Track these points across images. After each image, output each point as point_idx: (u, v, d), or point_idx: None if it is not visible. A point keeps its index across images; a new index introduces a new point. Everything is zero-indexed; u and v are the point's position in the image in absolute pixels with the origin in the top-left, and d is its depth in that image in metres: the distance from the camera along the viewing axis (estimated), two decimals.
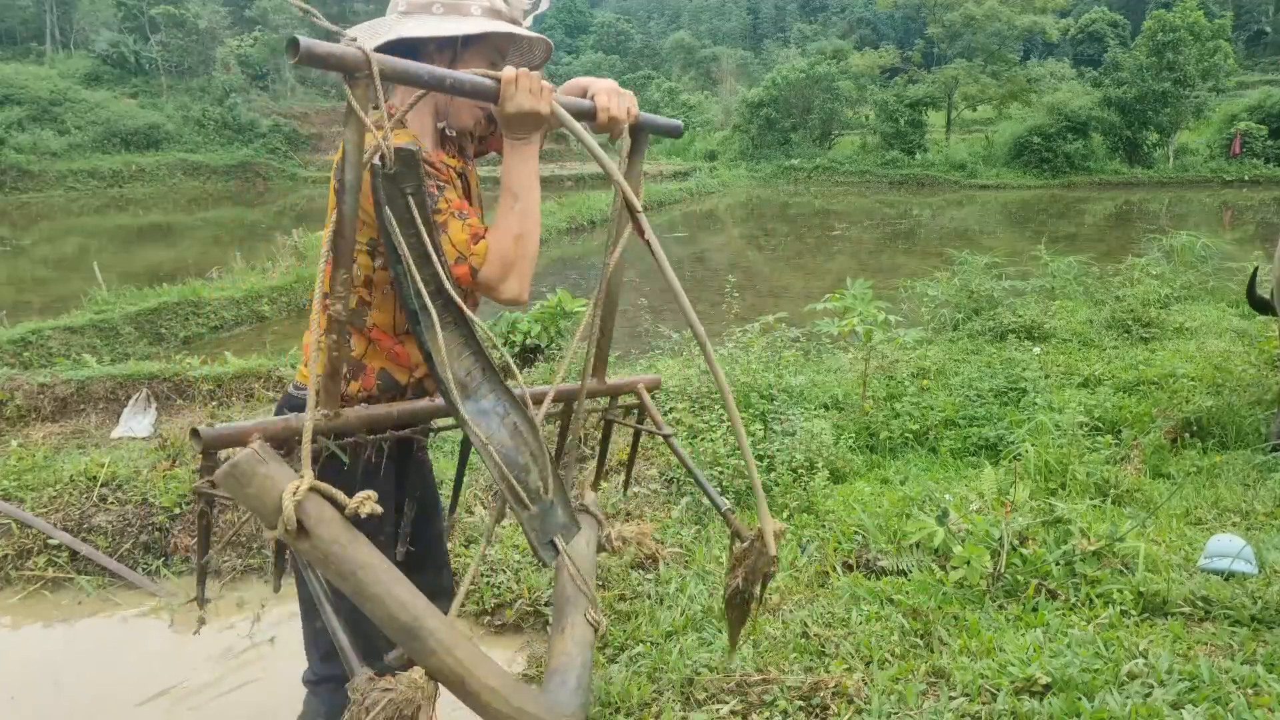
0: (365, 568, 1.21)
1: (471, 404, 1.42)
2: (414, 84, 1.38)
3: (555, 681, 1.39)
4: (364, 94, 1.25)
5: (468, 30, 1.59)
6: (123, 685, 2.73)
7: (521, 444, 1.44)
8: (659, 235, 5.60)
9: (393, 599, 1.20)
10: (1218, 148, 31.20)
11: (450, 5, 1.61)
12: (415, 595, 1.23)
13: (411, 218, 1.34)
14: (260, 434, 1.32)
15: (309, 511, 1.19)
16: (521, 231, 1.59)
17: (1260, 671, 1.97)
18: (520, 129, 1.55)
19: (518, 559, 3.13)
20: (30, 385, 5.67)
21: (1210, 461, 4.07)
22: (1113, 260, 10.38)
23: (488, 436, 1.39)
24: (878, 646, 2.24)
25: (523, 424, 1.45)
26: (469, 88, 1.44)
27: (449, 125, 1.77)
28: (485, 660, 1.24)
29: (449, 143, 1.79)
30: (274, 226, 19.81)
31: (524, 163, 1.59)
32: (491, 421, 1.43)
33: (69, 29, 47.56)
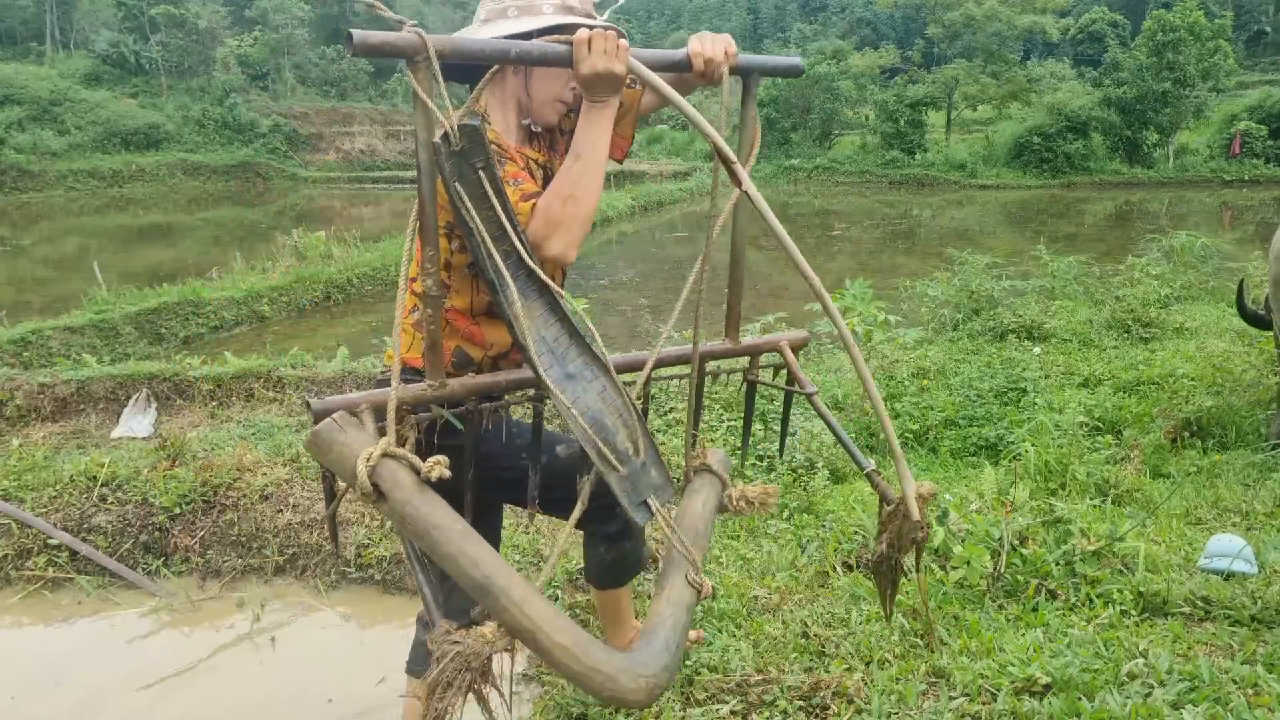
0: (438, 528, 1.26)
1: (559, 369, 1.44)
2: (477, 59, 1.39)
3: (643, 641, 1.39)
4: (425, 77, 1.27)
5: (540, 25, 1.59)
6: (122, 685, 2.74)
7: (609, 407, 1.46)
8: (658, 235, 5.66)
9: (465, 557, 1.25)
10: (1218, 148, 31.20)
11: (523, 7, 1.63)
12: (488, 554, 1.26)
13: (485, 192, 1.37)
14: (369, 404, 1.41)
15: (384, 476, 1.26)
16: (574, 193, 1.56)
17: (1260, 671, 1.97)
18: (598, 91, 1.52)
19: (517, 559, 3.13)
20: (30, 385, 5.67)
21: (1210, 461, 4.07)
22: (1113, 260, 10.38)
23: (573, 401, 1.42)
24: (878, 646, 2.24)
25: (610, 388, 1.47)
26: (537, 55, 1.42)
27: (534, 123, 1.77)
28: (558, 617, 1.26)
29: (537, 139, 1.79)
30: (274, 226, 19.83)
31: (594, 125, 1.56)
32: (579, 386, 1.45)
33: (69, 29, 47.56)
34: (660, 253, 17.46)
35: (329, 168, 39.35)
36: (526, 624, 1.23)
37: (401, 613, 3.13)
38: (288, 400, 5.87)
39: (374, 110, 45.58)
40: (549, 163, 1.80)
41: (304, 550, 3.40)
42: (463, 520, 1.30)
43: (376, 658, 2.85)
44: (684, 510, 1.61)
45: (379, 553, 3.29)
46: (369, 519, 3.48)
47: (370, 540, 3.35)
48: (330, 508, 1.56)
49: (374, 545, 3.33)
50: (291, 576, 3.37)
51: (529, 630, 1.23)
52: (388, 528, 3.41)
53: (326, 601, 3.22)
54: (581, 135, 1.57)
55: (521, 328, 1.39)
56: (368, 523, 3.46)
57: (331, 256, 12.56)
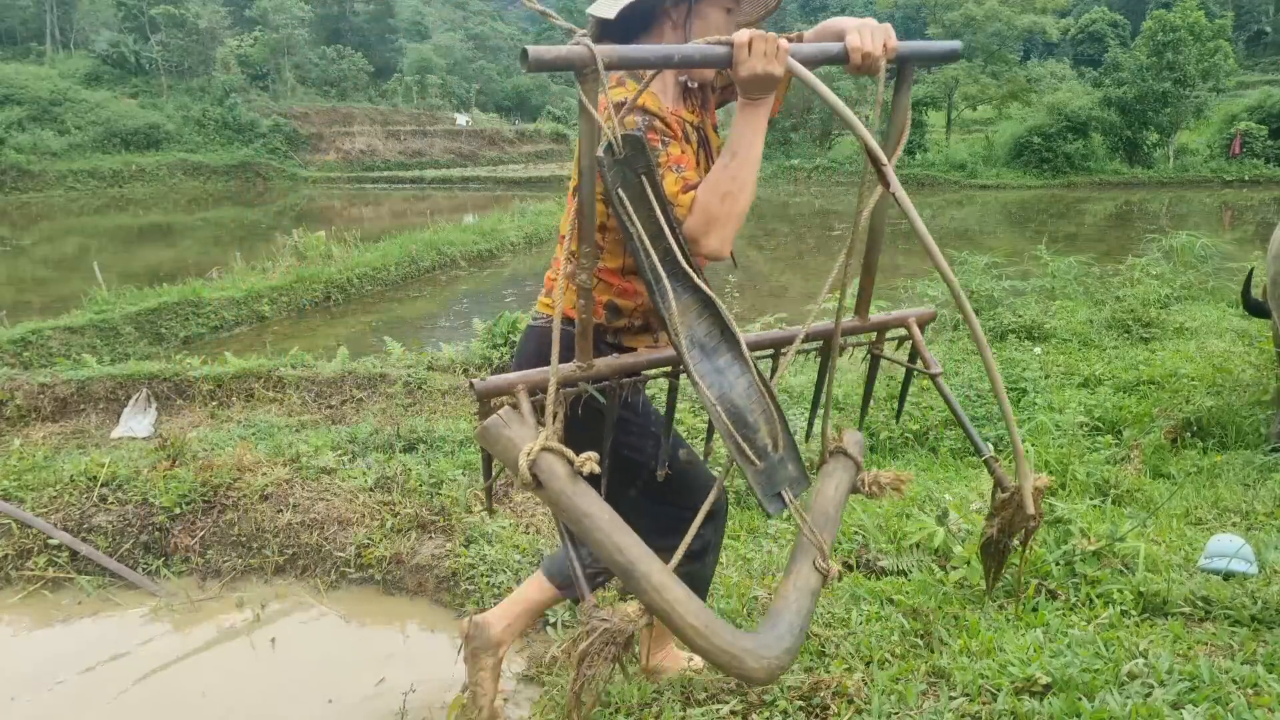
0: (589, 516, 1.39)
1: (708, 363, 1.53)
2: (642, 67, 1.45)
3: (767, 624, 1.50)
4: (592, 88, 1.32)
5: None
6: (122, 685, 2.74)
7: (753, 403, 1.53)
8: None
9: (612, 544, 1.38)
10: (1218, 148, 31.19)
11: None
12: (633, 541, 1.38)
13: (646, 196, 1.44)
14: (524, 384, 1.54)
15: (542, 467, 1.39)
16: (730, 190, 1.59)
17: (1260, 671, 1.97)
18: (755, 91, 1.54)
19: (518, 559, 3.13)
20: (30, 385, 5.67)
21: (1210, 461, 4.07)
22: (1113, 260, 10.38)
23: (719, 396, 1.50)
24: (878, 646, 2.24)
25: (757, 384, 1.54)
26: (699, 59, 1.46)
27: (690, 78, 1.80)
28: (691, 600, 1.39)
29: (690, 96, 1.81)
30: (274, 226, 19.83)
31: (749, 123, 1.58)
32: (726, 380, 1.53)
33: (69, 29, 47.55)
34: None
35: (329, 168, 39.34)
36: (664, 605, 1.36)
37: (401, 613, 3.13)
38: (288, 400, 5.87)
39: (374, 110, 45.57)
40: (702, 123, 1.83)
41: (304, 550, 3.40)
42: (610, 509, 1.41)
43: (376, 658, 2.85)
44: (816, 494, 1.68)
45: (379, 553, 3.29)
46: (369, 519, 3.48)
47: (370, 540, 3.35)
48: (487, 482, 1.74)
49: (374, 545, 3.33)
50: (291, 576, 3.37)
51: (665, 611, 1.37)
52: (388, 528, 3.41)
53: (326, 601, 3.22)
54: (737, 134, 1.59)
55: (675, 326, 1.47)
56: (368, 523, 3.46)
57: (331, 256, 12.56)
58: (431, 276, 13.75)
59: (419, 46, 62.50)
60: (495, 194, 29.49)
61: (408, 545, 3.33)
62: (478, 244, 15.48)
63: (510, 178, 34.63)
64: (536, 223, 18.19)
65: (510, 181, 33.66)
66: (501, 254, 15.92)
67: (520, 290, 12.62)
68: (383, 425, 5.23)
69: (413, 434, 5.00)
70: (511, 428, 1.44)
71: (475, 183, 35.01)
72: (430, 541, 3.36)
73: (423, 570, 3.24)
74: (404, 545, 3.33)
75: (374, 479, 3.75)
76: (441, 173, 37.97)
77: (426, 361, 6.28)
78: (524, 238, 17.05)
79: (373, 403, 5.80)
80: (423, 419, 5.31)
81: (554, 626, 2.76)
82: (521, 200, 21.25)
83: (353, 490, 3.65)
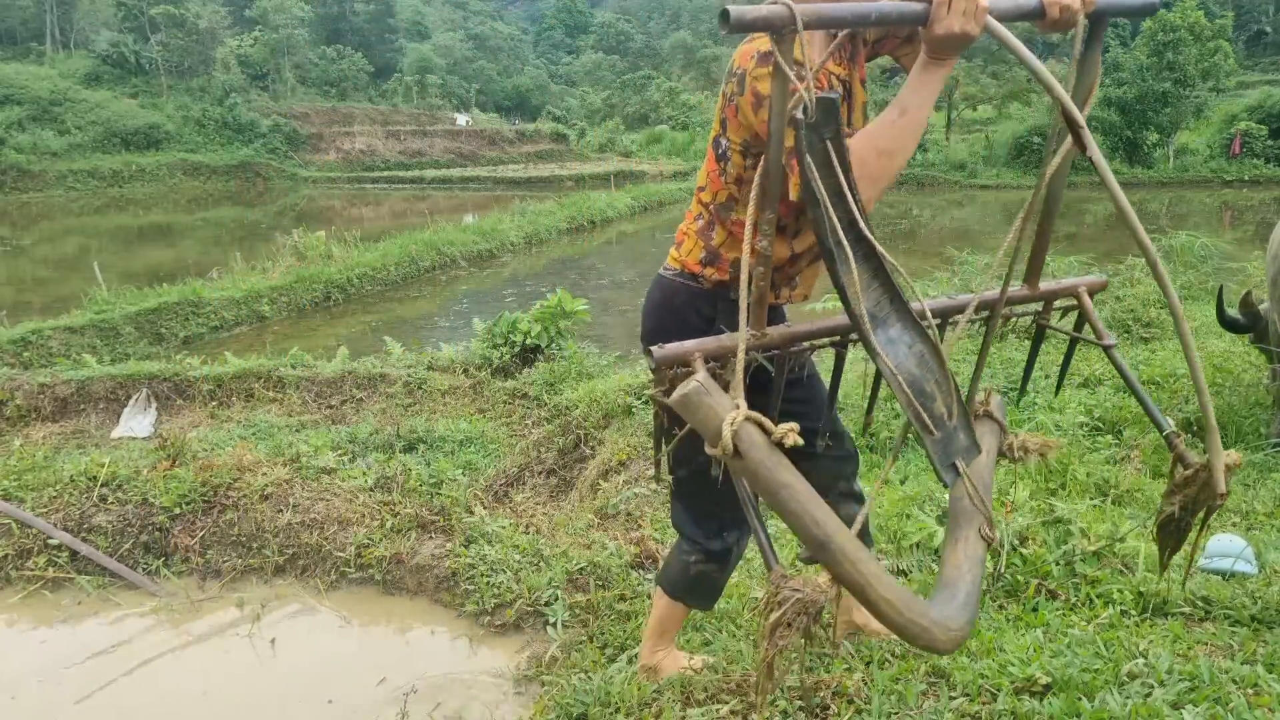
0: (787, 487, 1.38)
1: (881, 333, 1.50)
2: (838, 26, 1.42)
3: (945, 595, 1.49)
4: (789, 49, 1.30)
5: None
6: (122, 685, 2.74)
7: (927, 372, 1.51)
8: (658, 235, 5.65)
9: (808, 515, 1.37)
10: (1218, 148, 31.19)
11: None
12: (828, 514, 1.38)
13: (829, 160, 1.40)
14: (700, 353, 1.55)
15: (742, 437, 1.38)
16: (891, 148, 1.56)
17: (1260, 671, 1.97)
18: (944, 50, 1.46)
19: (518, 559, 3.13)
20: (30, 385, 5.67)
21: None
22: (1113, 260, 10.37)
23: (896, 365, 1.49)
24: (878, 646, 2.24)
25: (929, 352, 1.52)
26: (895, 17, 1.42)
27: None
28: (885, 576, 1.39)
29: (839, 49, 1.78)
30: (274, 226, 19.83)
31: (927, 84, 1.52)
32: (900, 350, 1.51)
33: (69, 29, 47.55)
34: (660, 253, 17.28)
35: (329, 168, 39.35)
36: (859, 579, 1.37)
37: (401, 613, 3.13)
38: (288, 400, 5.88)
39: (374, 110, 45.57)
40: (849, 77, 1.80)
41: (304, 550, 3.40)
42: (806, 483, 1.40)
43: (376, 658, 2.85)
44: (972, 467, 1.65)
45: (379, 553, 3.29)
46: (369, 519, 3.48)
47: (370, 540, 3.35)
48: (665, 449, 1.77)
49: (374, 545, 3.33)
50: (291, 576, 3.37)
51: (860, 585, 1.37)
52: (388, 528, 3.41)
53: (326, 601, 3.22)
54: (912, 91, 1.53)
55: (855, 294, 1.45)
56: (368, 523, 3.46)
57: (331, 256, 12.56)
58: (431, 276, 13.75)
59: (419, 46, 62.51)
60: (495, 194, 29.50)
61: (408, 545, 3.33)
62: (478, 244, 15.49)
63: (510, 178, 34.63)
64: (536, 223, 18.19)
65: (510, 181, 33.66)
66: (501, 254, 15.92)
67: (520, 290, 12.62)
68: (383, 425, 5.24)
69: (413, 434, 5.00)
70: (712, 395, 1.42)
71: (475, 183, 35.01)
72: (430, 541, 3.36)
73: (423, 570, 3.24)
74: (404, 545, 3.33)
75: (374, 479, 3.75)
76: (441, 173, 37.98)
77: (426, 361, 6.29)
78: (524, 238, 17.05)
79: (373, 403, 5.80)
80: (423, 419, 5.31)
81: (554, 626, 2.76)
82: (521, 200, 21.25)
83: (353, 490, 3.65)
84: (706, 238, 1.88)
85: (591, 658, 2.45)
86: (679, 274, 1.91)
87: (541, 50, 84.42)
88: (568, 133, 48.44)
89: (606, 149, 45.53)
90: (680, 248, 1.92)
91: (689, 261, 1.89)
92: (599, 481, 4.00)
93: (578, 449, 4.60)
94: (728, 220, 1.83)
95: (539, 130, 48.37)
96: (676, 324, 1.88)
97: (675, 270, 1.93)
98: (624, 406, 4.54)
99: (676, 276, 1.92)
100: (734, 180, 1.78)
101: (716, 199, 1.85)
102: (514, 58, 73.17)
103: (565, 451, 4.65)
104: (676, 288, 1.91)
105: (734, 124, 1.74)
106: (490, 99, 61.72)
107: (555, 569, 2.99)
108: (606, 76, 69.08)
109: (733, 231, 1.83)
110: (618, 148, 45.46)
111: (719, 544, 2.07)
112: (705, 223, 1.87)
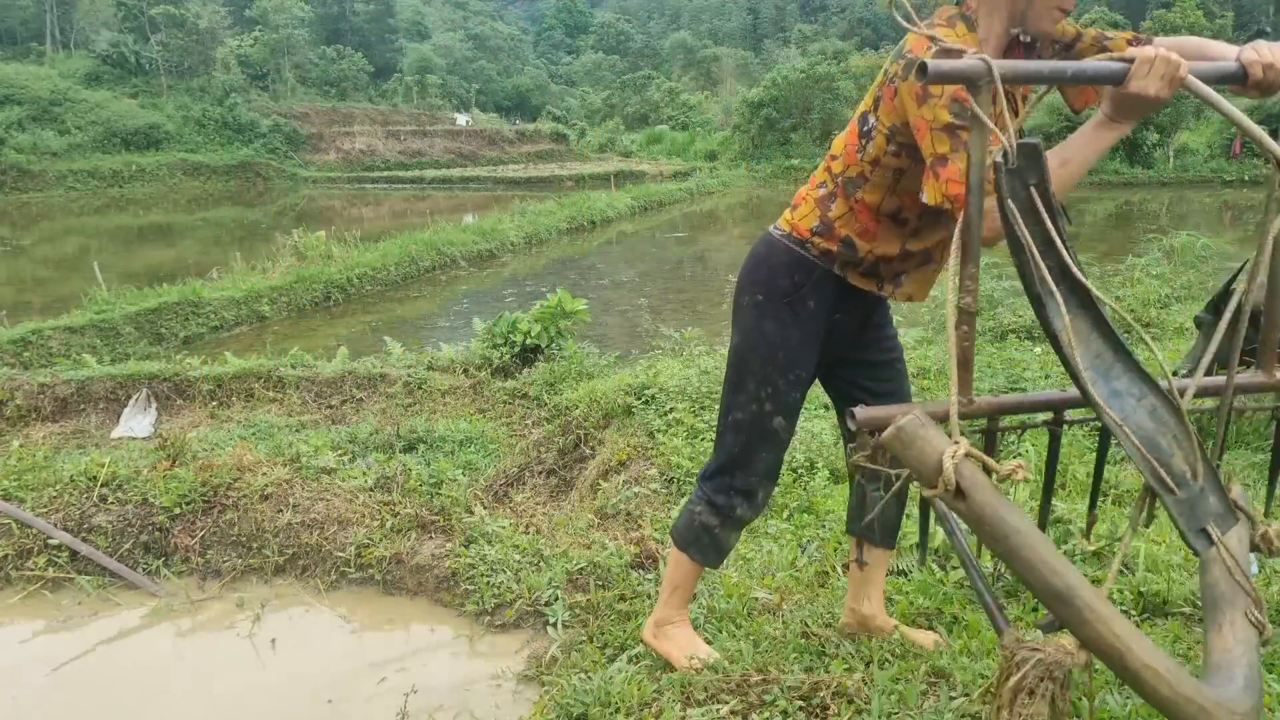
0: (1017, 532, 1.24)
1: (1104, 386, 1.42)
2: (1033, 82, 1.43)
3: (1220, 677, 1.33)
4: (986, 100, 1.30)
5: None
6: (122, 685, 2.74)
7: (1162, 426, 1.40)
8: (658, 235, 5.65)
9: (1045, 564, 1.22)
10: (1218, 148, 31.20)
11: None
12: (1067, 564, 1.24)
13: (1035, 208, 1.36)
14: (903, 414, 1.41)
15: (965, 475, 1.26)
16: None
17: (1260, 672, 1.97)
18: (1129, 112, 1.45)
19: (518, 559, 3.13)
20: (30, 385, 5.67)
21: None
22: (1113, 260, 10.38)
23: (1123, 419, 1.38)
24: (878, 646, 2.24)
25: (1162, 406, 1.41)
26: (1090, 75, 1.41)
27: (1024, 30, 1.73)
28: (1143, 638, 1.23)
29: (1015, 49, 1.76)
30: (274, 226, 19.83)
31: (1099, 141, 1.50)
32: (1127, 403, 1.41)
33: (69, 29, 47.56)
34: (660, 253, 17.45)
35: (329, 168, 39.36)
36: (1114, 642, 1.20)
37: (401, 613, 3.13)
38: (288, 400, 5.88)
39: (374, 110, 45.58)
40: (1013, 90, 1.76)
41: (304, 550, 3.40)
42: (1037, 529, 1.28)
43: (376, 658, 2.85)
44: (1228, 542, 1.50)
45: (379, 553, 3.29)
46: (369, 519, 3.48)
47: (370, 540, 3.35)
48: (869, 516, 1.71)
49: (374, 545, 3.33)
50: (291, 576, 3.37)
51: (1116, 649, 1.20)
52: (388, 528, 3.41)
53: (326, 601, 3.22)
54: (1080, 146, 1.50)
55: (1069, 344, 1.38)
56: (368, 523, 3.46)
57: (331, 256, 12.56)
58: (431, 276, 13.75)
59: (419, 46, 62.49)
60: (495, 194, 29.50)
61: (408, 545, 3.33)
62: (478, 244, 15.49)
63: (510, 178, 34.64)
64: (536, 223, 18.19)
65: (510, 181, 33.68)
66: (501, 254, 15.93)
67: (520, 290, 12.63)
68: (383, 425, 5.24)
69: (413, 434, 5.00)
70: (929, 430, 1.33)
71: (475, 183, 35.02)
72: (430, 541, 3.36)
73: (423, 570, 3.24)
74: (404, 545, 3.33)
75: (374, 479, 3.75)
76: (441, 173, 37.99)
77: (426, 361, 6.29)
78: (524, 238, 17.05)
79: (373, 403, 5.80)
80: (423, 419, 5.31)
81: (554, 626, 2.76)
82: (521, 200, 21.26)
83: (353, 490, 3.65)
84: (825, 207, 1.90)
85: (591, 658, 2.45)
86: (786, 236, 1.94)
87: (541, 50, 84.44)
88: (568, 133, 48.45)
89: (606, 149, 45.55)
90: (795, 211, 1.95)
91: (800, 226, 1.92)
92: (599, 481, 4.00)
93: (578, 449, 4.60)
94: (852, 196, 1.85)
95: (539, 130, 48.40)
96: (766, 281, 1.94)
97: (784, 232, 1.96)
98: (624, 406, 4.54)
99: (784, 238, 1.95)
100: (871, 160, 1.80)
101: (846, 172, 1.86)
102: (514, 58, 73.18)
103: (565, 451, 4.65)
104: (781, 248, 1.95)
105: (888, 106, 1.74)
106: (490, 99, 61.71)
107: (555, 569, 2.99)
108: (606, 76, 69.09)
109: (853, 208, 1.85)
110: (618, 148, 45.48)
111: (724, 499, 2.09)
112: (828, 193, 1.89)
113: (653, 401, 4.42)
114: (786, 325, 1.94)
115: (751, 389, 2.00)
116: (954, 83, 1.31)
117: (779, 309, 1.94)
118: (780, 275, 1.94)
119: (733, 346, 2.04)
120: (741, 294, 2.01)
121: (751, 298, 1.98)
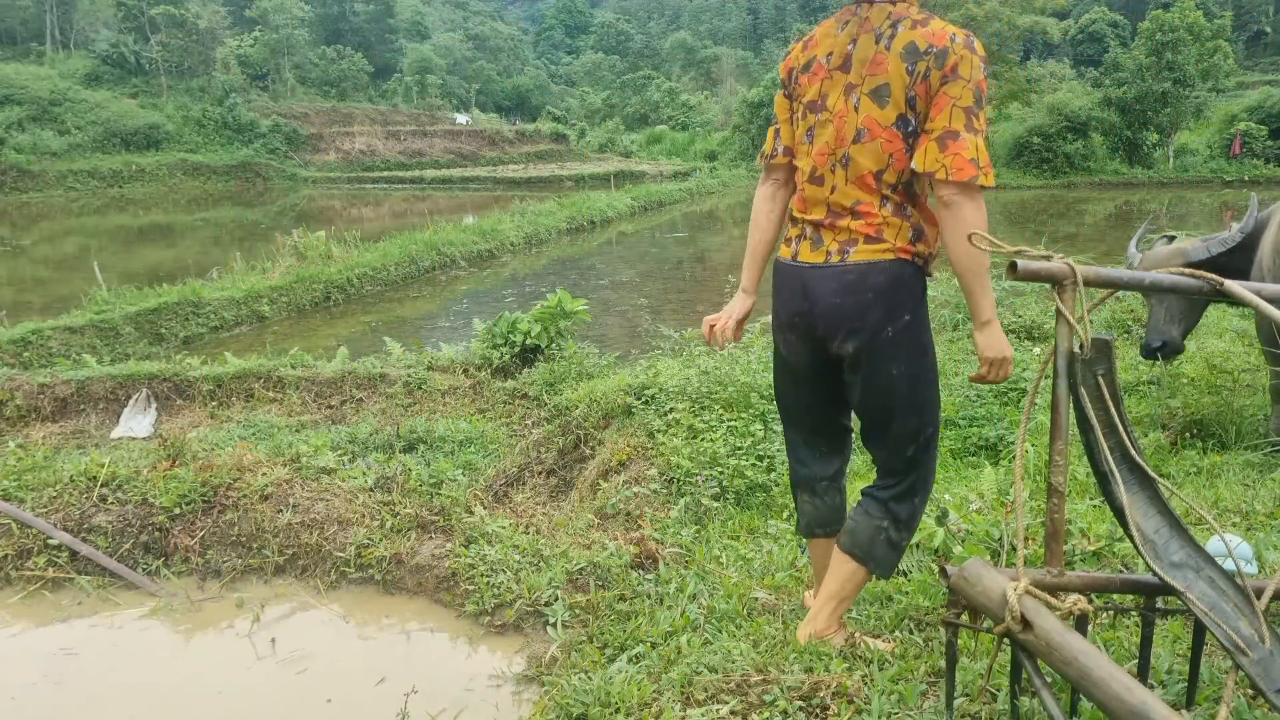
0: (1085, 654, 1.35)
1: (1163, 560, 1.54)
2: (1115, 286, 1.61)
3: None
4: (1071, 298, 1.49)
5: None
6: (122, 686, 2.74)
7: (1222, 596, 1.52)
8: (658, 235, 5.64)
9: (1117, 682, 1.31)
10: (1218, 148, 31.20)
11: None
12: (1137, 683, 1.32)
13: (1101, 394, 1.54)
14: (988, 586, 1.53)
15: (1029, 606, 1.39)
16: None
17: None
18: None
19: (518, 559, 3.13)
20: (30, 385, 5.67)
21: (1210, 461, 4.07)
22: (1113, 260, 10.37)
23: (1186, 586, 1.50)
24: (878, 647, 2.24)
25: (1217, 576, 1.53)
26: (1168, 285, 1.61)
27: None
28: None
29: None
30: (274, 226, 19.83)
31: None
32: (1187, 574, 1.53)
33: (69, 29, 47.56)
34: (660, 253, 17.46)
35: (329, 168, 39.36)
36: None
37: (401, 613, 3.13)
38: (288, 400, 5.88)
39: (374, 110, 45.59)
40: None
41: (304, 550, 3.40)
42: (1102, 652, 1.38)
43: (376, 658, 2.85)
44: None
45: (379, 553, 3.29)
46: (368, 519, 3.48)
47: (370, 540, 3.35)
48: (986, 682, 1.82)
49: (374, 545, 3.33)
50: (291, 576, 3.37)
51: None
52: (388, 528, 3.41)
53: (326, 601, 3.22)
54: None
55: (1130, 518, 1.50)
56: (368, 523, 3.46)
57: (331, 256, 12.57)
58: (431, 276, 13.75)
59: (419, 46, 62.47)
60: (495, 194, 29.50)
61: (408, 545, 3.33)
62: (478, 244, 15.49)
63: (510, 178, 34.65)
64: (536, 223, 18.18)
65: (510, 181, 33.69)
66: (501, 254, 15.93)
67: (520, 290, 12.63)
68: (383, 425, 5.24)
69: (413, 434, 5.00)
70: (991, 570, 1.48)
71: (475, 183, 35.02)
72: (430, 541, 3.36)
73: (423, 570, 3.24)
74: (404, 545, 3.33)
75: (374, 479, 3.75)
76: (441, 173, 38.01)
77: (426, 361, 6.29)
78: (524, 238, 17.05)
79: (373, 403, 5.80)
80: (423, 419, 5.31)
81: (554, 626, 2.76)
82: (521, 200, 21.25)
83: (353, 490, 3.65)
84: (904, 216, 2.03)
85: (591, 658, 2.45)
86: (897, 259, 2.03)
87: (541, 50, 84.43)
88: (567, 133, 48.45)
89: (606, 149, 45.54)
90: (883, 234, 2.02)
91: (900, 245, 2.02)
92: (599, 481, 4.00)
93: (578, 449, 4.60)
94: (918, 195, 2.03)
95: (539, 130, 48.40)
96: (909, 299, 2.05)
97: (892, 258, 2.04)
98: (624, 406, 4.54)
99: (896, 262, 2.04)
100: None
101: (902, 177, 1.99)
102: (514, 58, 73.17)
103: (565, 451, 4.65)
104: (902, 267, 2.04)
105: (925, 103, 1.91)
106: (490, 99, 61.71)
107: (555, 569, 2.99)
108: (606, 76, 69.05)
109: (919, 204, 2.03)
110: (618, 148, 45.48)
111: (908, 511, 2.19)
112: (897, 204, 2.01)
113: (653, 402, 4.42)
114: (930, 330, 2.13)
115: (934, 399, 2.13)
116: (1041, 280, 1.50)
117: (925, 317, 2.10)
118: (915, 287, 2.07)
119: (902, 374, 2.08)
120: (885, 325, 2.04)
121: (901, 319, 2.05)
